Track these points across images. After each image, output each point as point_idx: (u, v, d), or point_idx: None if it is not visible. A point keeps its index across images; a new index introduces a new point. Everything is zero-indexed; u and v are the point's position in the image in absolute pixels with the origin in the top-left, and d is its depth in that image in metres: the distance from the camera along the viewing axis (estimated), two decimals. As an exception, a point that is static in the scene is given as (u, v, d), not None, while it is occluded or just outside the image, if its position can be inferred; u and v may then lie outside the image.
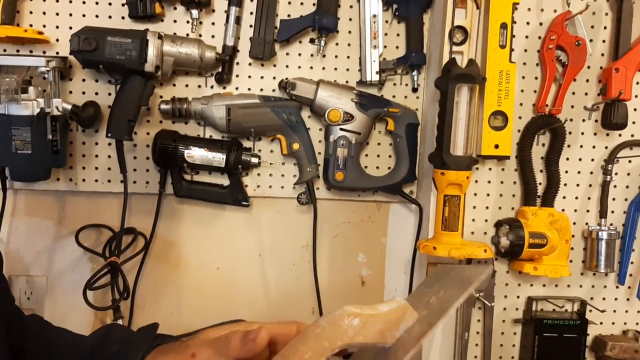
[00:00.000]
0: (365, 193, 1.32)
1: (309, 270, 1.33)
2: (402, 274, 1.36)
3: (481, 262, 1.21)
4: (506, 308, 1.27)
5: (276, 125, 1.22)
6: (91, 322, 1.32)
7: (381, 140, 1.29)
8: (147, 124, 1.26)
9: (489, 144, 1.16)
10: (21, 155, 1.16)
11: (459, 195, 1.14)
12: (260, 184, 1.29)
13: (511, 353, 1.28)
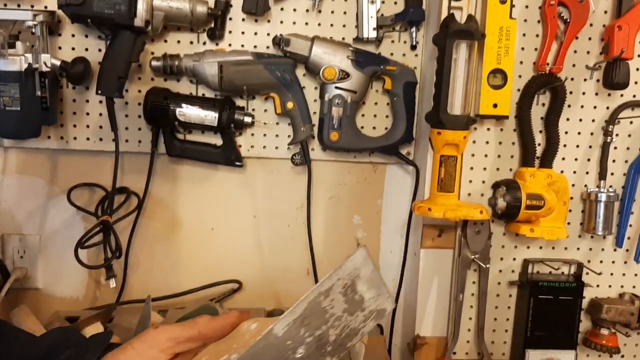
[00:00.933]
0: (361, 154, 1.30)
1: (303, 231, 1.32)
2: (398, 236, 1.34)
3: (477, 223, 1.20)
4: (502, 270, 1.26)
5: (270, 83, 1.19)
6: (85, 280, 1.32)
7: (378, 99, 1.27)
8: (138, 81, 1.23)
9: (487, 103, 1.13)
10: (10, 112, 1.14)
11: (455, 155, 1.12)
12: (254, 144, 1.27)
13: (506, 315, 1.28)
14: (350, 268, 0.56)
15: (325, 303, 0.54)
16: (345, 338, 0.57)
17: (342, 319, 0.56)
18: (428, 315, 1.27)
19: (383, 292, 0.59)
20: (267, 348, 0.52)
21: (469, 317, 1.26)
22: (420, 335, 1.27)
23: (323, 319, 0.54)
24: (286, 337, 0.52)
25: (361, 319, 0.57)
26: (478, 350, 1.27)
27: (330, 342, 0.56)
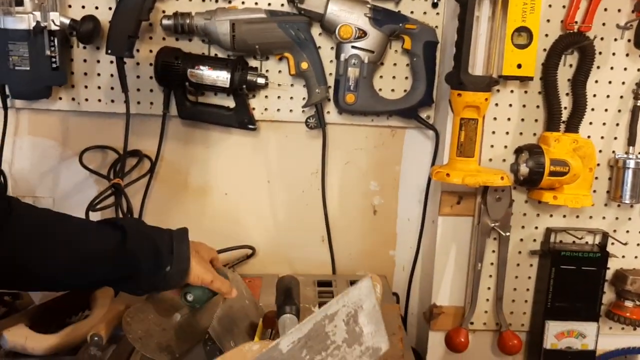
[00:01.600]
0: (379, 118, 1.25)
1: (318, 198, 1.29)
2: (417, 203, 1.30)
3: (498, 189, 1.15)
4: (523, 239, 1.22)
5: (283, 43, 1.15)
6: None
7: (397, 60, 1.21)
8: (149, 41, 1.20)
9: (511, 64, 1.08)
10: (19, 72, 1.13)
11: (476, 118, 1.07)
12: (268, 106, 1.23)
13: (526, 285, 1.24)
14: (356, 297, 0.59)
15: (328, 328, 0.56)
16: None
17: (340, 349, 0.58)
18: (445, 284, 1.23)
19: (381, 329, 0.62)
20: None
21: (487, 286, 1.22)
22: (436, 304, 1.23)
23: (324, 345, 0.56)
24: (289, 355, 0.54)
25: (357, 354, 0.60)
26: (496, 321, 1.23)
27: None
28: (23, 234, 0.77)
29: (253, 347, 0.56)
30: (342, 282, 1.26)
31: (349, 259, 1.34)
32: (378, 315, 0.61)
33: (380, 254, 1.34)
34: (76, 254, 0.79)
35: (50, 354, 0.93)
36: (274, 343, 0.53)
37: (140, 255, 0.82)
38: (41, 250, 0.77)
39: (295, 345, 0.54)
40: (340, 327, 0.57)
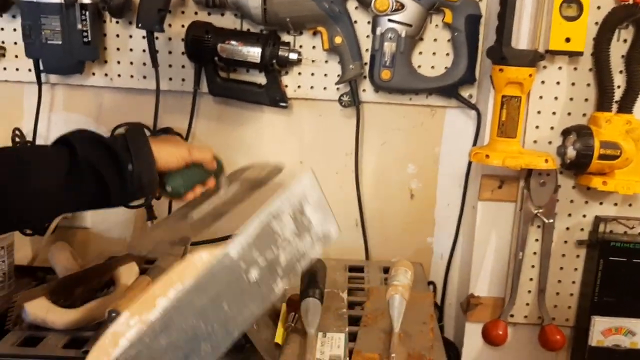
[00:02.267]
0: (418, 96, 1.19)
1: (352, 180, 1.24)
2: (457, 187, 1.24)
3: (542, 173, 1.07)
4: (569, 228, 1.13)
5: (317, 16, 1.10)
6: (132, 222, 1.30)
7: (438, 35, 1.15)
8: (181, 15, 1.17)
9: (559, 37, 1.00)
10: (51, 46, 1.13)
11: (519, 96, 1.00)
12: (301, 84, 1.19)
13: (572, 277, 1.16)
14: (299, 191, 0.60)
15: (276, 226, 0.56)
16: (295, 261, 0.60)
17: (292, 242, 0.58)
18: (484, 273, 1.17)
19: (329, 216, 0.63)
20: (222, 271, 0.52)
21: (529, 277, 1.15)
22: (474, 294, 1.17)
23: (274, 242, 0.57)
24: (240, 259, 0.53)
25: (309, 243, 0.60)
26: (538, 314, 1.16)
27: (281, 265, 0.58)
28: None
29: (203, 257, 0.54)
30: (374, 268, 1.21)
31: (384, 245, 1.28)
32: (324, 204, 0.63)
33: (417, 240, 1.28)
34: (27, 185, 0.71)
35: (71, 329, 0.92)
36: (223, 250, 0.52)
37: (96, 161, 0.74)
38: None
39: (244, 249, 0.54)
40: (287, 223, 0.57)
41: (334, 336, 0.92)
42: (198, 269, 0.53)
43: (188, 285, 0.51)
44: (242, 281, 0.55)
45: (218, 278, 0.52)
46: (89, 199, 0.76)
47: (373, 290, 1.08)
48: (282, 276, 0.59)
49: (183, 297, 0.51)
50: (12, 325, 0.92)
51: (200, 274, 0.51)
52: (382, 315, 0.98)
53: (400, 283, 0.95)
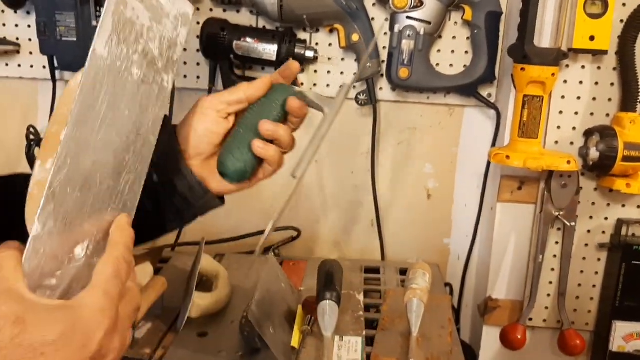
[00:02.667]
0: (436, 95, 1.17)
1: (368, 179, 1.22)
2: (475, 188, 1.21)
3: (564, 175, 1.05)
4: (590, 230, 1.11)
5: (334, 13, 1.08)
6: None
7: (457, 33, 1.13)
8: (196, 12, 1.16)
9: (583, 35, 0.97)
10: (66, 43, 1.11)
11: (541, 95, 0.97)
12: (317, 82, 1.17)
13: (592, 281, 1.13)
14: None
15: (128, 13, 0.53)
16: (169, 50, 0.59)
17: (153, 29, 0.57)
18: (502, 276, 1.14)
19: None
20: (101, 75, 0.50)
21: (548, 280, 1.13)
22: (492, 297, 1.15)
23: (137, 32, 0.54)
24: (113, 57, 0.51)
25: (171, 27, 0.59)
26: (557, 318, 1.13)
27: (156, 56, 0.57)
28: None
29: (77, 78, 0.52)
30: (391, 269, 1.20)
31: (400, 246, 1.27)
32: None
33: (434, 241, 1.27)
34: None
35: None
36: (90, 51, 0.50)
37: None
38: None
39: (110, 45, 0.51)
40: (138, 8, 0.54)
41: (351, 340, 0.91)
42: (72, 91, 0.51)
43: (77, 99, 0.48)
44: (128, 81, 0.53)
45: (102, 82, 0.50)
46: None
47: (390, 292, 1.06)
48: (163, 68, 0.59)
49: (80, 114, 0.49)
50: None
51: (83, 85, 0.48)
52: (400, 318, 0.97)
53: (418, 286, 0.93)
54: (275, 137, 0.68)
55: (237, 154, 0.68)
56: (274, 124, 0.68)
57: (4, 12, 1.17)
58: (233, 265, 1.16)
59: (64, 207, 0.48)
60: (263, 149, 0.67)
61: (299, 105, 0.69)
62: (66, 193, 0.48)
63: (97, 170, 0.51)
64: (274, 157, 0.69)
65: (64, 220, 0.48)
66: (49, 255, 0.47)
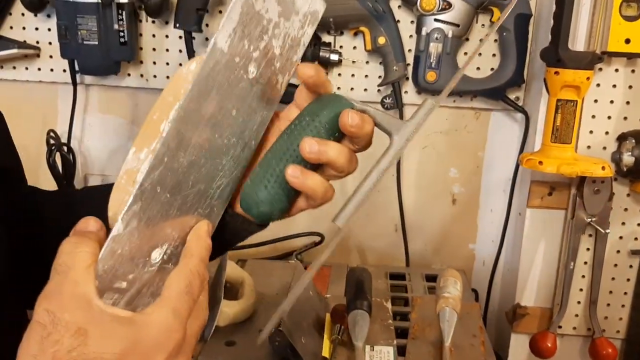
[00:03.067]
0: (462, 98, 1.15)
1: (393, 184, 1.20)
2: (501, 192, 1.19)
3: (597, 181, 1.03)
4: (622, 237, 1.09)
5: (359, 15, 1.06)
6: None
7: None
8: (219, 15, 1.14)
9: (618, 38, 0.95)
10: (88, 46, 1.10)
11: (575, 100, 0.95)
12: (341, 85, 1.15)
13: (624, 288, 1.11)
14: None
15: (258, 5, 0.49)
16: (290, 50, 0.54)
17: (280, 25, 0.51)
18: (531, 283, 1.12)
19: None
20: (217, 69, 0.47)
21: (579, 288, 1.11)
22: (521, 304, 1.13)
23: (262, 27, 0.50)
24: (232, 52, 0.48)
25: (298, 25, 0.53)
26: (588, 326, 1.11)
27: (277, 55, 0.52)
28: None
29: (190, 67, 0.49)
30: (416, 275, 1.18)
31: (424, 251, 1.25)
32: None
33: (459, 246, 1.25)
34: None
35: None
36: (211, 43, 0.46)
37: None
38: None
39: (233, 39, 0.47)
40: (268, 1, 0.49)
41: (382, 349, 0.89)
42: (190, 80, 0.47)
43: (188, 94, 0.45)
44: (242, 79, 0.49)
45: (216, 78, 0.46)
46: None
47: (418, 300, 1.04)
48: (280, 69, 0.53)
49: (187, 108, 0.45)
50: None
51: (196, 79, 0.45)
52: (430, 327, 0.95)
53: (450, 295, 0.91)
54: (323, 159, 0.51)
55: (262, 191, 0.52)
56: (319, 141, 0.50)
57: (23, 15, 1.16)
58: (256, 271, 1.14)
59: (150, 208, 0.44)
60: (299, 178, 0.50)
61: (359, 120, 0.51)
62: (155, 193, 0.44)
63: (192, 172, 0.47)
64: (315, 189, 0.52)
65: (148, 221, 0.45)
66: (126, 257, 0.44)
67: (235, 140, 0.51)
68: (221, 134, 0.49)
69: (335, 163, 0.52)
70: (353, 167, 0.54)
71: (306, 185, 0.51)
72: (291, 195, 0.53)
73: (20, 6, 1.13)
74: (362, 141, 0.54)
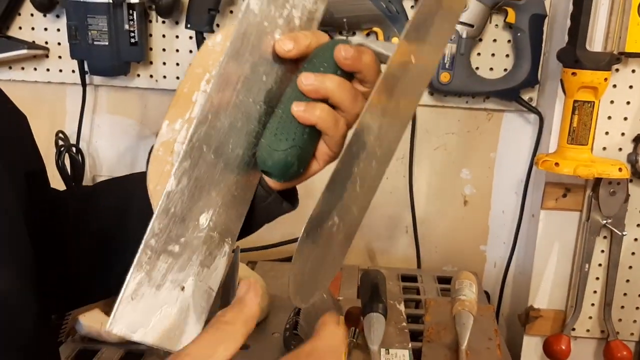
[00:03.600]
0: (475, 99, 1.14)
1: (404, 185, 1.19)
2: (513, 194, 1.19)
3: (613, 182, 1.02)
4: (638, 239, 1.08)
5: (373, 16, 1.05)
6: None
7: (497, 36, 1.10)
8: (230, 15, 1.13)
9: (636, 39, 0.94)
10: (98, 47, 1.09)
11: (592, 101, 0.95)
12: (354, 85, 1.14)
13: (638, 290, 1.10)
14: None
15: None
16: (307, 24, 0.53)
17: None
18: (545, 285, 1.12)
19: None
20: (249, 32, 0.47)
21: (593, 290, 1.10)
22: (534, 306, 1.12)
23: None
24: (262, 15, 0.48)
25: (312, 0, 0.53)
26: (602, 328, 1.11)
27: (296, 27, 0.52)
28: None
29: (216, 38, 0.50)
30: (428, 277, 1.17)
31: (435, 253, 1.24)
32: None
33: (470, 248, 1.24)
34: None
35: (126, 342, 0.89)
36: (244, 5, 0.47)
37: None
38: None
39: (263, 2, 0.48)
40: None
41: (397, 353, 0.88)
42: (217, 51, 0.48)
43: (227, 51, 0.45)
44: (270, 45, 0.49)
45: (250, 39, 0.47)
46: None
47: (431, 302, 1.03)
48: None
49: (227, 69, 0.46)
50: (65, 337, 0.89)
51: (233, 38, 0.46)
52: (445, 329, 0.94)
53: (466, 298, 0.90)
54: (322, 92, 0.48)
55: (274, 141, 0.49)
56: (317, 75, 0.48)
57: (33, 15, 1.15)
58: (267, 273, 1.13)
59: (198, 167, 0.46)
60: (305, 111, 0.48)
61: (353, 51, 0.48)
62: (202, 151, 0.46)
63: (232, 134, 0.48)
64: (325, 118, 0.48)
65: (196, 182, 0.46)
66: (178, 216, 0.45)
67: (265, 108, 0.51)
68: (254, 99, 0.49)
69: (336, 96, 0.48)
70: (358, 106, 0.49)
71: (314, 116, 0.48)
72: (305, 138, 0.50)
73: (29, 6, 1.12)
74: (366, 75, 0.49)
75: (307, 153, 0.51)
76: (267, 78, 0.50)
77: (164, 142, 0.50)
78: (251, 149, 0.51)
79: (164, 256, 0.44)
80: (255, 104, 0.50)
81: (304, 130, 0.49)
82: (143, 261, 0.43)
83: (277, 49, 0.49)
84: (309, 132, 0.49)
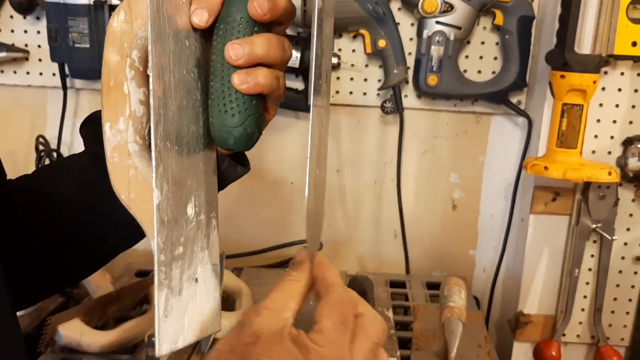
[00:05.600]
0: (463, 102, 1.13)
1: (392, 189, 1.18)
2: (502, 198, 1.18)
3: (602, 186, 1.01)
4: (627, 243, 1.07)
5: (359, 18, 1.04)
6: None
7: (485, 38, 1.09)
8: (214, 17, 1.11)
9: (624, 41, 0.93)
10: (79, 49, 1.07)
11: (581, 104, 0.93)
12: (340, 89, 1.13)
13: (629, 295, 1.09)
14: None
15: None
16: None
17: None
18: (534, 290, 1.10)
19: None
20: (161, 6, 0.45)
21: (583, 295, 1.09)
22: (523, 312, 1.11)
23: None
24: None
25: None
26: (592, 334, 1.10)
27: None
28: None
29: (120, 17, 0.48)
30: (416, 282, 1.15)
31: (424, 258, 1.22)
32: None
33: (459, 253, 1.22)
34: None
35: (106, 352, 0.86)
36: None
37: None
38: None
39: None
40: None
41: (385, 361, 0.86)
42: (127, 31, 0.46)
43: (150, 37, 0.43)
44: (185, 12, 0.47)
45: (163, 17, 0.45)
46: None
47: (420, 308, 1.02)
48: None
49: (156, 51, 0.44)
50: (44, 347, 0.86)
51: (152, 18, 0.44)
52: (433, 336, 0.93)
53: (455, 304, 0.89)
54: (254, 59, 0.46)
55: (227, 118, 0.48)
56: (242, 42, 0.46)
57: (12, 17, 1.12)
58: (253, 280, 1.11)
59: (170, 165, 0.45)
60: (249, 82, 0.46)
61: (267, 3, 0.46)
62: (167, 149, 0.45)
63: (183, 115, 0.47)
64: (268, 84, 0.47)
65: (174, 180, 0.46)
66: (172, 221, 0.45)
67: (198, 71, 0.49)
68: (187, 69, 0.48)
69: (269, 57, 0.47)
70: (288, 54, 0.49)
71: (259, 86, 0.47)
72: (254, 104, 0.48)
73: (8, 8, 1.10)
74: (284, 19, 0.49)
75: (260, 116, 0.50)
76: (189, 42, 0.48)
77: (115, 146, 0.48)
78: (201, 118, 0.49)
79: (174, 264, 0.45)
80: (189, 73, 0.48)
81: (251, 98, 0.48)
82: (161, 279, 0.44)
83: (196, 22, 0.47)
84: (256, 97, 0.48)
